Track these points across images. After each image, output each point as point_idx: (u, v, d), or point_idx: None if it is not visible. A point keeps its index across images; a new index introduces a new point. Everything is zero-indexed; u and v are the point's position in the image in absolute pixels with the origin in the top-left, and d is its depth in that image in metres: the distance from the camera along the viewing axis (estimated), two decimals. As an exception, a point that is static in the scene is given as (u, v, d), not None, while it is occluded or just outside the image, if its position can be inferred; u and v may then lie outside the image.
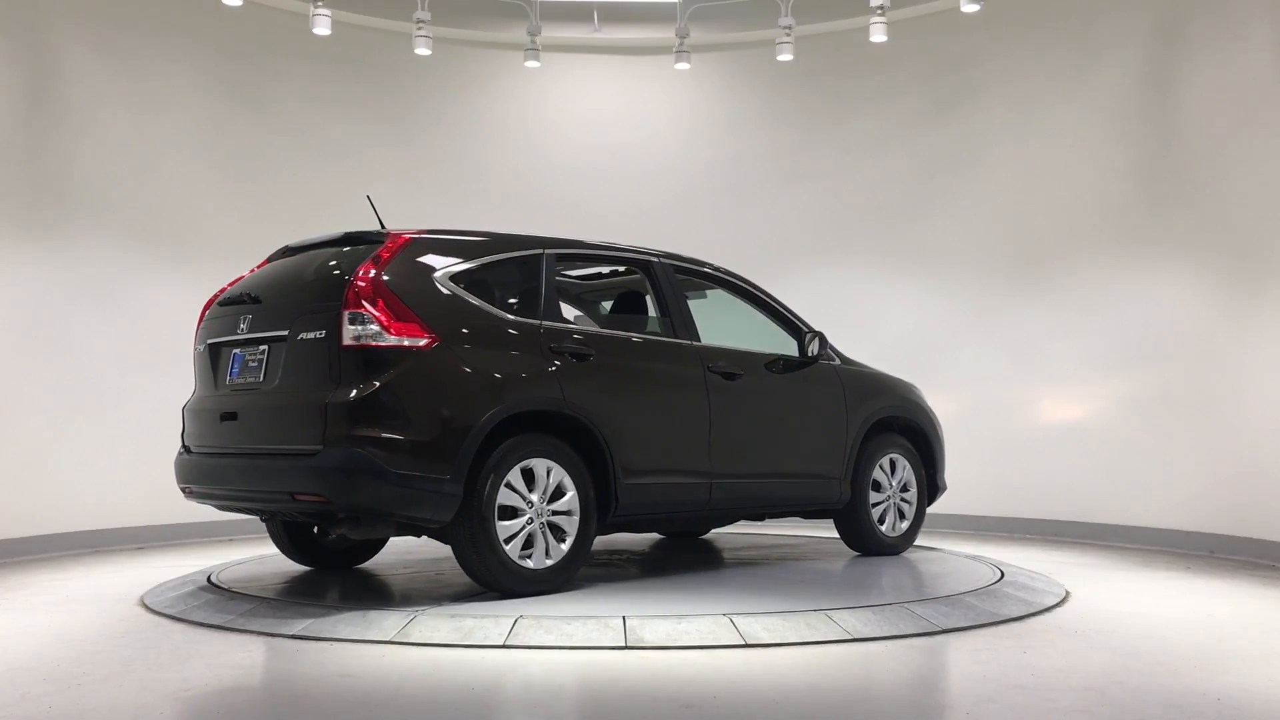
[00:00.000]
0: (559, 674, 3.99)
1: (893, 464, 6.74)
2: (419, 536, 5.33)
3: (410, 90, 9.62)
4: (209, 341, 5.51)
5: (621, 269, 6.54)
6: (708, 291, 6.59)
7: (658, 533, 7.65)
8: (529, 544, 5.07)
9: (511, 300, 5.47)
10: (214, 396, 5.42)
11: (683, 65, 9.37)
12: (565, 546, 5.18)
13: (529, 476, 5.08)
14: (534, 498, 5.08)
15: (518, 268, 5.51)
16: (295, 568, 6.18)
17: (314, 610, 4.78)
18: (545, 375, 5.19)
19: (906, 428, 6.89)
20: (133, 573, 6.62)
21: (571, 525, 5.20)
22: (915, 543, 7.01)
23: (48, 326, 7.77)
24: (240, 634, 4.65)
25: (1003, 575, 5.88)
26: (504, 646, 4.32)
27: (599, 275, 6.84)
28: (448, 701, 3.67)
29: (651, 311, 6.13)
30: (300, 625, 4.63)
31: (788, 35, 8.98)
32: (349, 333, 4.79)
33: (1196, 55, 7.83)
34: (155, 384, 7.82)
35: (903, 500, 6.80)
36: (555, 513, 5.16)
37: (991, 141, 9.10)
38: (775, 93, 9.87)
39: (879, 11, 8.69)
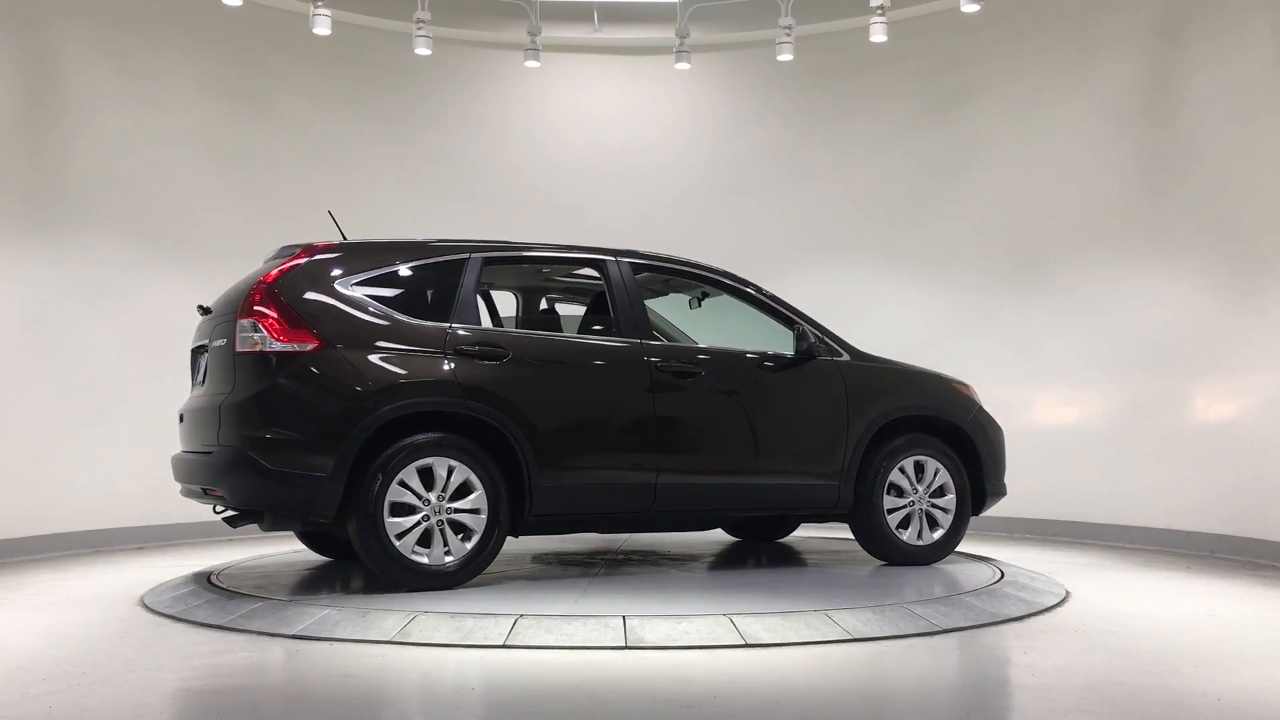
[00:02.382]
0: (559, 674, 3.98)
1: (919, 466, 6.30)
2: (322, 530, 5.72)
3: (410, 90, 9.62)
4: (191, 348, 5.99)
5: (582, 270, 6.44)
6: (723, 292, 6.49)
7: (729, 534, 7.55)
8: (429, 541, 5.20)
9: (427, 304, 5.60)
10: (187, 399, 5.94)
11: (683, 65, 9.37)
12: (470, 545, 5.26)
13: (427, 475, 5.20)
14: (431, 496, 5.19)
15: (438, 272, 5.65)
16: (295, 567, 6.20)
17: (314, 610, 4.79)
18: (443, 376, 5.30)
19: (948, 429, 6.46)
20: (133, 573, 6.63)
21: (478, 523, 5.28)
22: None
23: (48, 326, 7.78)
24: (240, 634, 4.65)
25: (1003, 575, 5.87)
26: (504, 646, 4.32)
27: (575, 278, 6.77)
28: (448, 701, 3.68)
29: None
30: (300, 625, 4.63)
31: (788, 35, 8.98)
32: (241, 340, 5.21)
33: (1196, 54, 7.82)
34: (155, 384, 7.81)
35: (935, 506, 6.35)
36: (459, 511, 5.25)
37: (992, 141, 9.10)
38: (775, 93, 9.86)
39: (879, 11, 8.68)
